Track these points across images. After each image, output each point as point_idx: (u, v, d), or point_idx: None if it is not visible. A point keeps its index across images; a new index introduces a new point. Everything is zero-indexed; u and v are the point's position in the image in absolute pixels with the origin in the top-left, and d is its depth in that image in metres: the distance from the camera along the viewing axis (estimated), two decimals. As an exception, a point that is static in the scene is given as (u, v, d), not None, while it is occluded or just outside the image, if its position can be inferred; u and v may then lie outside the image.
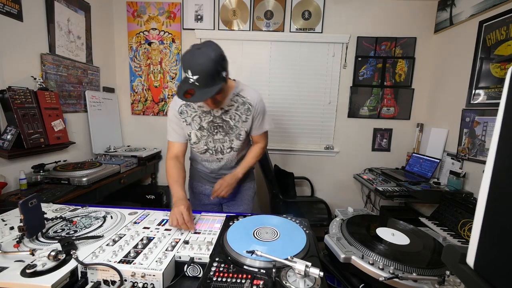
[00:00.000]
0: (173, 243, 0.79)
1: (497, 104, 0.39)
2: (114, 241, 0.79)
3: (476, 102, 1.97)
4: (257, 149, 1.37)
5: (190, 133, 1.25)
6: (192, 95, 0.99)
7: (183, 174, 1.24)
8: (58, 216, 0.96)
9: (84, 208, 1.06)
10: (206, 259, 0.72)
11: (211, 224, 0.96)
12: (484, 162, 1.79)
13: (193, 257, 0.73)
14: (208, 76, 0.97)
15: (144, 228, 0.90)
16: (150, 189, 2.70)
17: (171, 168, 1.23)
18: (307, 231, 0.88)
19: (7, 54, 1.59)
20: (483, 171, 0.38)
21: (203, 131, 1.24)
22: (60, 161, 1.92)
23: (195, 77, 0.96)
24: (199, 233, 0.89)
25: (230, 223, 0.92)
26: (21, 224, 0.74)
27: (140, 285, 0.64)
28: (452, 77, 2.26)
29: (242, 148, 1.34)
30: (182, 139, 1.28)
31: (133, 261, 0.69)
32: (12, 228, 0.85)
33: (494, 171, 0.36)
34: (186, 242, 0.80)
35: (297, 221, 0.95)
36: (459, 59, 2.16)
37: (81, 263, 0.66)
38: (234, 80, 1.26)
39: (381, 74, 2.62)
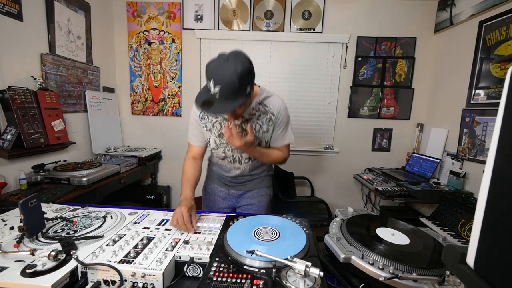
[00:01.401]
0: (173, 243, 0.79)
1: (497, 104, 0.39)
2: (114, 241, 0.79)
3: (476, 102, 1.97)
4: (279, 153, 1.24)
5: (209, 138, 1.23)
6: (210, 107, 0.94)
7: (197, 175, 1.24)
8: (58, 216, 0.96)
9: (84, 208, 1.06)
10: (206, 259, 0.72)
11: (211, 224, 0.96)
12: (484, 162, 1.78)
13: (193, 257, 0.73)
14: (231, 90, 0.92)
15: (144, 228, 0.90)
16: (150, 189, 2.70)
17: (187, 167, 1.24)
18: (307, 231, 0.88)
19: (7, 54, 1.59)
20: (483, 171, 0.38)
21: (222, 139, 1.21)
22: (60, 161, 1.92)
23: (217, 89, 0.91)
24: (199, 233, 0.89)
25: (230, 223, 0.92)
26: (21, 224, 0.74)
27: (140, 285, 0.64)
28: (452, 77, 2.26)
29: None
30: (201, 143, 1.27)
31: (133, 261, 0.69)
32: (12, 228, 0.85)
33: (494, 171, 0.36)
34: (186, 242, 0.80)
35: (297, 221, 0.95)
36: (459, 59, 2.16)
37: (81, 263, 0.66)
38: (259, 86, 1.20)
39: (381, 74, 2.62)
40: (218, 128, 1.19)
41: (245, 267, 0.68)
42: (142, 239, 0.80)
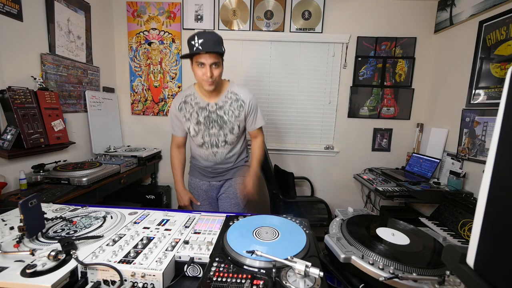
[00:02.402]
0: (173, 243, 0.79)
1: (497, 104, 0.39)
2: (114, 241, 0.79)
3: (476, 102, 1.97)
4: (257, 149, 1.52)
5: (189, 127, 1.40)
6: (199, 49, 1.17)
7: (183, 160, 1.57)
8: (58, 216, 0.96)
9: (84, 208, 1.06)
10: (206, 259, 0.72)
11: (211, 224, 0.96)
12: (484, 162, 1.79)
13: (193, 257, 0.73)
14: (213, 40, 1.18)
15: (144, 228, 0.90)
16: (150, 189, 2.70)
17: (174, 158, 1.54)
18: (307, 231, 0.88)
19: (7, 54, 1.59)
20: (483, 171, 0.38)
21: (200, 125, 1.38)
22: (60, 161, 1.92)
23: (200, 40, 1.16)
24: (199, 233, 0.88)
25: (230, 223, 0.92)
26: (21, 224, 0.74)
27: (140, 285, 0.64)
28: (452, 77, 2.26)
29: (236, 142, 1.46)
30: (183, 133, 1.49)
31: (133, 261, 0.69)
32: (12, 228, 0.85)
33: (494, 171, 0.36)
34: (186, 242, 0.80)
35: (297, 221, 0.95)
36: (459, 59, 2.16)
37: (81, 263, 0.66)
38: (228, 80, 1.43)
39: (381, 74, 2.62)
40: (196, 116, 1.37)
41: (245, 267, 0.68)
42: (142, 239, 0.80)
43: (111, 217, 0.96)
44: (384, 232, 0.86)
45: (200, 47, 1.16)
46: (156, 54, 2.69)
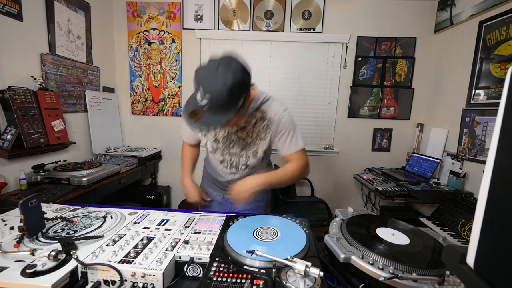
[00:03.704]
0: (173, 243, 0.79)
1: (497, 104, 0.39)
2: (114, 241, 0.79)
3: (476, 102, 1.97)
4: (289, 167, 1.13)
5: (206, 142, 1.22)
6: (198, 119, 0.87)
7: (196, 156, 1.40)
8: (58, 216, 0.96)
9: (84, 208, 1.06)
10: (206, 259, 0.72)
11: (211, 224, 0.96)
12: (484, 162, 1.79)
13: (193, 257, 0.73)
14: (219, 104, 0.84)
15: (144, 228, 0.90)
16: (150, 189, 2.70)
17: (186, 150, 1.37)
18: (307, 231, 0.88)
19: (7, 54, 1.59)
20: (483, 171, 0.38)
21: (218, 143, 1.18)
22: (60, 161, 1.92)
23: (205, 101, 0.82)
24: (199, 233, 0.88)
25: (230, 223, 0.92)
26: (21, 224, 0.74)
27: (140, 285, 0.64)
28: (452, 77, 2.26)
29: (260, 167, 1.24)
30: (197, 141, 1.34)
31: (133, 261, 0.69)
32: (12, 228, 0.85)
33: (494, 171, 0.36)
34: (186, 242, 0.80)
35: (297, 221, 0.95)
36: (459, 59, 2.16)
37: (81, 263, 0.66)
38: (255, 90, 1.09)
39: (381, 74, 2.62)
40: (213, 134, 1.17)
41: (245, 267, 0.68)
42: (142, 239, 0.80)
43: (111, 217, 0.96)
44: (384, 232, 0.86)
45: (203, 109, 0.85)
46: (156, 54, 2.69)
